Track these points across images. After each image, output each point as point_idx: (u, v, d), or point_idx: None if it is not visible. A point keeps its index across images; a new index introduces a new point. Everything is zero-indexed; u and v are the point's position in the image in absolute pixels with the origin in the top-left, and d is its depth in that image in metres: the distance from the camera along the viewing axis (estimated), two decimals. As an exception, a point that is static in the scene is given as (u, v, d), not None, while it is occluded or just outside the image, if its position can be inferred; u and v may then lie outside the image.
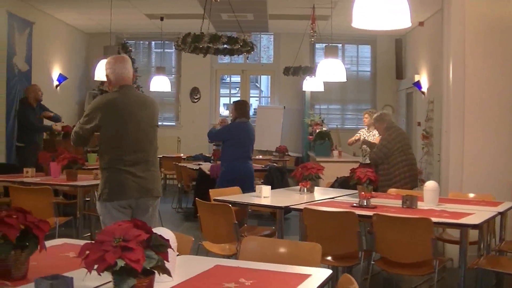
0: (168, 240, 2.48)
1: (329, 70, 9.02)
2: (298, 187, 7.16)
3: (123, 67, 5.23)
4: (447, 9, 8.09)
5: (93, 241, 2.41)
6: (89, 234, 8.23)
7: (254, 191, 6.95)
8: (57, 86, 14.66)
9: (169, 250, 2.48)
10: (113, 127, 5.10)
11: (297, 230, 6.72)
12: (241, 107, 8.96)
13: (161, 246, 2.41)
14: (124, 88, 5.22)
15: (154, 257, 2.35)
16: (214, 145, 13.14)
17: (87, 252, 2.36)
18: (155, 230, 2.51)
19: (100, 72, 9.41)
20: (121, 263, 2.25)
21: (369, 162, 10.03)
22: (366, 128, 10.74)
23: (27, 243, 2.91)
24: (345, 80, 9.14)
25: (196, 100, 17.24)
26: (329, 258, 5.60)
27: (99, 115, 5.07)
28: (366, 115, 10.70)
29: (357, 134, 10.85)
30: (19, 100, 11.58)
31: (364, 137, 10.49)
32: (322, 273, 3.18)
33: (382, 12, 4.42)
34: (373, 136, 10.32)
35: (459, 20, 7.84)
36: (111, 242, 2.30)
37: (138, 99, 5.33)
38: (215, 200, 6.29)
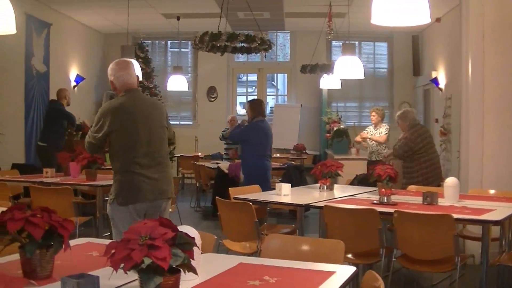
0: (193, 238, 2.48)
1: (347, 67, 8.98)
2: (317, 184, 7.15)
3: (126, 73, 5.22)
4: (466, 4, 8.04)
5: (118, 240, 2.42)
6: (108, 233, 8.24)
7: (271, 189, 6.94)
8: (74, 86, 14.71)
9: (194, 248, 2.49)
10: (124, 131, 5.10)
11: (316, 228, 6.71)
12: (257, 106, 8.98)
13: (186, 244, 2.41)
14: (131, 92, 5.22)
15: (180, 255, 2.35)
16: (225, 143, 13.13)
17: (113, 251, 2.37)
18: (180, 228, 2.51)
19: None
20: (147, 261, 2.25)
21: (375, 160, 10.05)
22: (373, 126, 10.69)
23: (52, 242, 2.92)
24: (363, 77, 9.11)
25: (213, 99, 17.25)
26: (349, 255, 5.60)
27: (108, 121, 5.07)
28: (374, 113, 10.65)
29: (364, 132, 10.81)
30: (51, 101, 11.64)
31: (371, 135, 10.48)
32: (346, 270, 3.17)
33: (401, 8, 4.39)
34: (380, 133, 10.32)
35: (477, 16, 7.79)
36: (138, 241, 2.31)
37: (146, 101, 5.35)
38: (235, 198, 6.30)
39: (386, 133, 10.38)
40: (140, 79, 10.04)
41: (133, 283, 2.77)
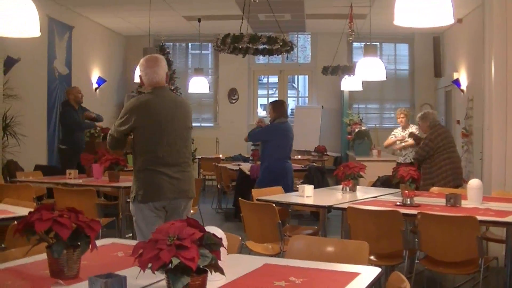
0: (221, 239, 2.49)
1: (368, 69, 8.96)
2: (340, 186, 7.15)
3: (154, 70, 5.23)
4: (488, 5, 8.01)
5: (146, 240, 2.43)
6: (131, 234, 8.28)
7: (293, 190, 6.93)
8: (96, 89, 14.78)
9: (220, 248, 2.50)
10: (148, 129, 5.11)
11: (338, 229, 6.69)
12: (279, 107, 8.96)
13: (214, 244, 2.42)
14: (158, 90, 5.23)
15: (208, 255, 2.36)
16: (252, 145, 13.13)
17: (141, 251, 2.38)
18: (207, 228, 2.52)
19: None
20: (176, 261, 2.26)
21: (408, 162, 9.97)
22: (400, 128, 10.60)
23: (79, 243, 2.94)
24: (384, 78, 9.08)
25: (234, 101, 17.26)
26: (372, 257, 5.58)
27: (134, 117, 5.09)
28: (403, 115, 10.53)
29: (391, 136, 10.72)
30: (61, 103, 11.70)
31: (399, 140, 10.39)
32: (371, 271, 3.17)
33: (424, 9, 4.38)
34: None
35: (501, 16, 7.76)
36: (166, 241, 2.32)
37: (172, 100, 5.33)
38: (258, 200, 6.30)
39: (418, 133, 10.27)
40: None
41: (160, 283, 2.79)
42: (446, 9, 4.39)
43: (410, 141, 10.07)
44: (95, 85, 14.76)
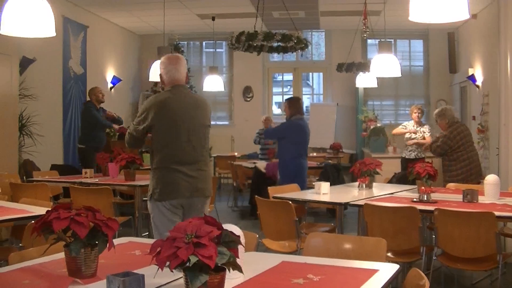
0: (238, 236, 2.48)
1: (383, 66, 8.92)
2: (356, 183, 7.13)
3: (176, 68, 5.25)
4: (503, 0, 7.96)
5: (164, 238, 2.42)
6: (147, 233, 8.29)
7: (307, 188, 6.92)
8: (111, 88, 14.82)
9: (238, 246, 2.49)
10: (165, 127, 5.12)
11: (354, 226, 6.68)
12: (295, 104, 8.94)
13: (232, 242, 2.41)
14: (177, 88, 5.24)
15: (226, 253, 2.35)
16: (261, 144, 13.09)
17: (159, 249, 2.37)
18: (225, 226, 2.51)
19: (155, 73, 9.46)
20: (194, 259, 2.26)
21: (413, 158, 9.93)
22: (412, 123, 10.53)
23: (96, 241, 2.95)
24: (400, 75, 9.03)
25: (249, 99, 17.26)
26: (389, 253, 5.56)
27: (151, 115, 5.10)
28: (419, 111, 10.47)
29: (402, 127, 10.66)
30: (83, 103, 11.75)
31: (410, 134, 10.34)
32: (389, 268, 3.16)
33: (440, 4, 4.35)
34: (423, 132, 10.16)
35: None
36: (184, 239, 2.31)
37: (190, 99, 5.34)
38: (274, 197, 6.30)
39: (430, 134, 10.21)
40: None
41: (178, 281, 2.79)
42: (462, 4, 4.36)
43: (427, 137, 10.04)
44: (110, 85, 14.81)
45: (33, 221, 4.05)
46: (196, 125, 5.22)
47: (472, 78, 13.43)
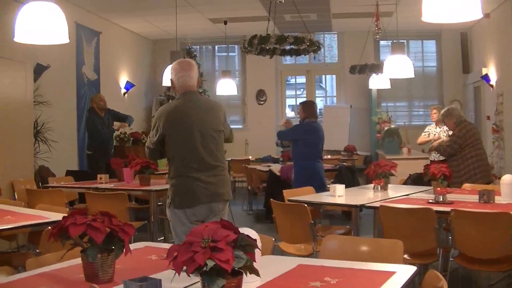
0: (255, 240, 2.48)
1: (397, 67, 8.91)
2: (371, 185, 7.12)
3: (188, 75, 5.22)
4: (517, -1, 7.93)
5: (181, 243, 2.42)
6: (162, 238, 8.31)
7: (325, 190, 6.91)
8: (124, 93, 14.86)
9: (255, 250, 2.49)
10: (178, 134, 5.11)
11: (370, 228, 6.66)
12: (309, 108, 8.96)
13: (248, 246, 2.41)
14: (188, 95, 5.21)
15: (243, 257, 2.35)
16: (282, 146, 13.10)
17: (176, 253, 2.37)
18: (241, 230, 2.51)
19: (168, 78, 9.47)
20: (211, 263, 2.26)
21: (442, 159, 9.87)
22: (433, 125, 10.54)
23: (113, 247, 2.95)
24: (413, 76, 9.03)
25: (262, 102, 17.26)
26: (405, 255, 5.54)
27: (162, 124, 5.11)
28: (435, 111, 10.47)
29: (424, 134, 10.64)
30: (87, 110, 11.79)
31: (435, 134, 10.29)
32: (407, 270, 3.14)
33: (453, 4, 4.33)
34: (445, 131, 10.10)
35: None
36: (200, 243, 2.31)
37: (202, 104, 5.30)
38: (290, 200, 6.29)
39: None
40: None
41: (195, 285, 2.79)
42: (474, 3, 4.34)
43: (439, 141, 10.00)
44: (123, 90, 14.84)
45: (49, 227, 4.07)
46: (210, 130, 5.19)
47: (485, 77, 13.38)
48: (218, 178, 5.18)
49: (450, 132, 9.73)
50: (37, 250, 5.05)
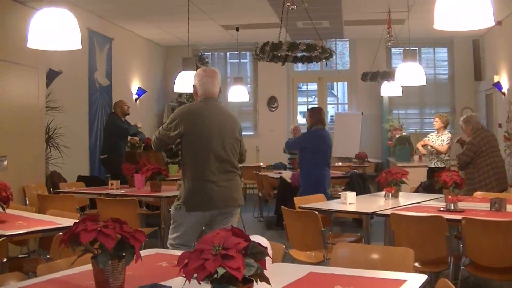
0: (266, 248, 2.47)
1: (408, 74, 8.90)
2: (382, 192, 7.10)
3: (211, 82, 5.34)
4: (530, 7, 7.91)
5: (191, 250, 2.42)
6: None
7: (330, 197, 6.90)
8: (136, 99, 14.89)
9: (266, 258, 2.48)
10: (197, 136, 5.17)
11: (381, 236, 6.64)
12: (316, 114, 8.95)
13: (259, 253, 2.40)
14: (210, 100, 5.32)
15: (253, 264, 2.35)
16: (289, 153, 13.12)
17: (186, 260, 2.37)
18: (252, 237, 2.51)
19: (180, 84, 9.49)
20: (221, 271, 2.25)
21: (438, 166, 9.84)
22: (435, 132, 10.50)
23: (124, 253, 2.95)
24: (425, 83, 9.01)
25: (273, 109, 17.26)
26: (416, 263, 5.52)
27: (184, 123, 5.17)
28: (437, 119, 10.45)
29: (425, 139, 10.61)
30: (108, 114, 11.88)
31: (433, 142, 10.26)
32: (418, 279, 3.13)
33: (465, 12, 4.32)
34: (442, 141, 10.07)
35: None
36: (211, 251, 2.31)
37: (221, 110, 5.43)
38: (300, 207, 6.28)
39: (448, 143, 10.09)
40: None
41: (205, 293, 2.78)
42: (486, 11, 4.33)
43: (444, 146, 9.97)
44: (135, 96, 14.88)
45: (60, 233, 4.07)
46: (228, 137, 5.29)
47: (497, 85, 13.34)
48: (232, 183, 5.26)
49: (444, 140, 9.74)
50: (48, 256, 5.05)
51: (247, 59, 17.66)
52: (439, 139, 10.17)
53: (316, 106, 13.11)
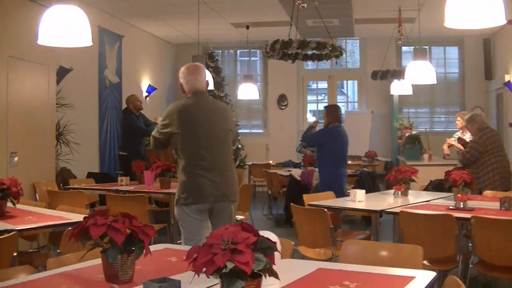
0: (275, 243, 2.48)
1: (419, 73, 8.88)
2: (392, 191, 7.10)
3: (195, 78, 5.41)
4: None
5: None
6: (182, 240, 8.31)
7: (343, 196, 6.90)
8: (146, 97, 14.91)
9: (275, 253, 2.49)
10: (188, 132, 5.23)
11: (390, 234, 6.66)
12: (334, 112, 8.96)
13: (268, 248, 2.41)
14: (197, 95, 5.37)
15: (262, 259, 2.35)
16: (304, 147, 13.08)
17: (196, 255, 2.38)
18: (261, 233, 2.51)
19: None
20: (230, 265, 2.26)
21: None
22: (460, 132, 10.48)
23: (133, 248, 2.97)
24: (435, 82, 9.00)
25: (283, 107, 17.25)
26: (425, 261, 5.52)
27: (173, 121, 5.23)
28: (459, 118, 10.41)
29: (451, 138, 10.56)
30: (122, 111, 11.93)
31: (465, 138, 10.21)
32: (426, 275, 3.13)
33: (476, 10, 4.31)
34: (468, 139, 10.03)
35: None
36: (220, 245, 2.32)
37: (210, 104, 5.46)
38: (310, 205, 6.29)
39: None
40: (211, 86, 10.11)
41: (214, 287, 2.79)
42: (498, 9, 4.32)
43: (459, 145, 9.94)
44: (145, 93, 14.89)
45: (70, 228, 4.09)
46: (218, 130, 5.33)
47: (508, 84, 13.29)
48: (224, 178, 5.28)
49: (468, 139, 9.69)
50: (58, 251, 5.08)
51: (257, 57, 17.66)
52: (465, 138, 10.12)
53: (333, 104, 13.08)
